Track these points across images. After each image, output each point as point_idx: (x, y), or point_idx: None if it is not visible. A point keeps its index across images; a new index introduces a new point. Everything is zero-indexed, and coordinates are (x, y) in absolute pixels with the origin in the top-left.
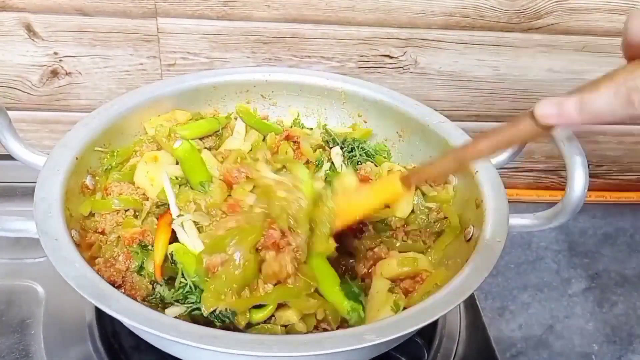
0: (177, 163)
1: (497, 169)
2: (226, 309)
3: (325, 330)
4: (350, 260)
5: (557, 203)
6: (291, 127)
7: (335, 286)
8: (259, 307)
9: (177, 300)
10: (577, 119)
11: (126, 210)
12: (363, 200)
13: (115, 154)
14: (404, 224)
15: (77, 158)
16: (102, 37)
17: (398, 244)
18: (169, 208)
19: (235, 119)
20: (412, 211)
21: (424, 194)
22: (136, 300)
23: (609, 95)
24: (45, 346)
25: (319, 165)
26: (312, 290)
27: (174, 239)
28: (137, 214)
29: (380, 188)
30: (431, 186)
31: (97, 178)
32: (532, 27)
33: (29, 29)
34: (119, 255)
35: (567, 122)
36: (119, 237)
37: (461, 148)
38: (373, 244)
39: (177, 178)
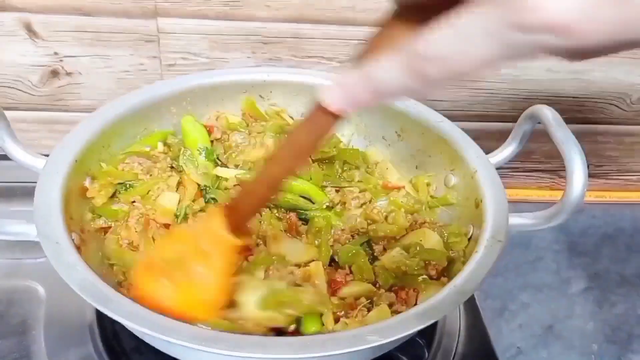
0: None
1: (496, 168)
2: None
3: None
4: None
5: (556, 203)
6: None
7: None
8: None
9: None
10: (368, 98)
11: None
12: None
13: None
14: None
15: (76, 160)
16: (102, 37)
17: None
18: None
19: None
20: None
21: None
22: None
23: (393, 66)
24: (46, 347)
25: None
26: None
27: None
28: None
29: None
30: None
31: (96, 180)
32: None
33: (29, 29)
34: None
35: (360, 104)
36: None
37: (260, 174)
38: None
39: None
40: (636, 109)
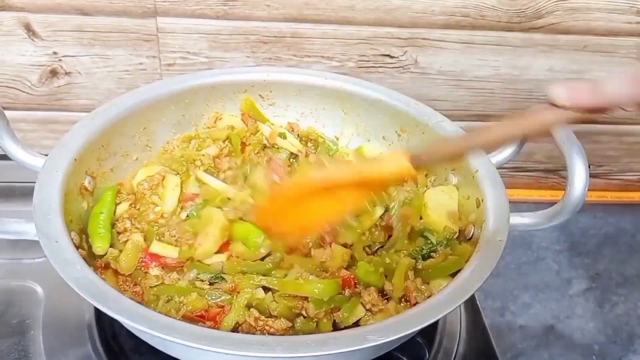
0: None
1: (497, 168)
2: None
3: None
4: None
5: (557, 203)
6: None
7: None
8: None
9: None
10: (590, 99)
11: None
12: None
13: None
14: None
15: (75, 159)
16: (102, 37)
17: None
18: None
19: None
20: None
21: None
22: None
23: (621, 78)
24: (45, 347)
25: None
26: None
27: None
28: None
29: (382, 166)
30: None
31: (95, 179)
32: (533, 26)
33: (28, 28)
34: None
35: (579, 104)
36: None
37: (474, 134)
38: None
39: None
40: None
